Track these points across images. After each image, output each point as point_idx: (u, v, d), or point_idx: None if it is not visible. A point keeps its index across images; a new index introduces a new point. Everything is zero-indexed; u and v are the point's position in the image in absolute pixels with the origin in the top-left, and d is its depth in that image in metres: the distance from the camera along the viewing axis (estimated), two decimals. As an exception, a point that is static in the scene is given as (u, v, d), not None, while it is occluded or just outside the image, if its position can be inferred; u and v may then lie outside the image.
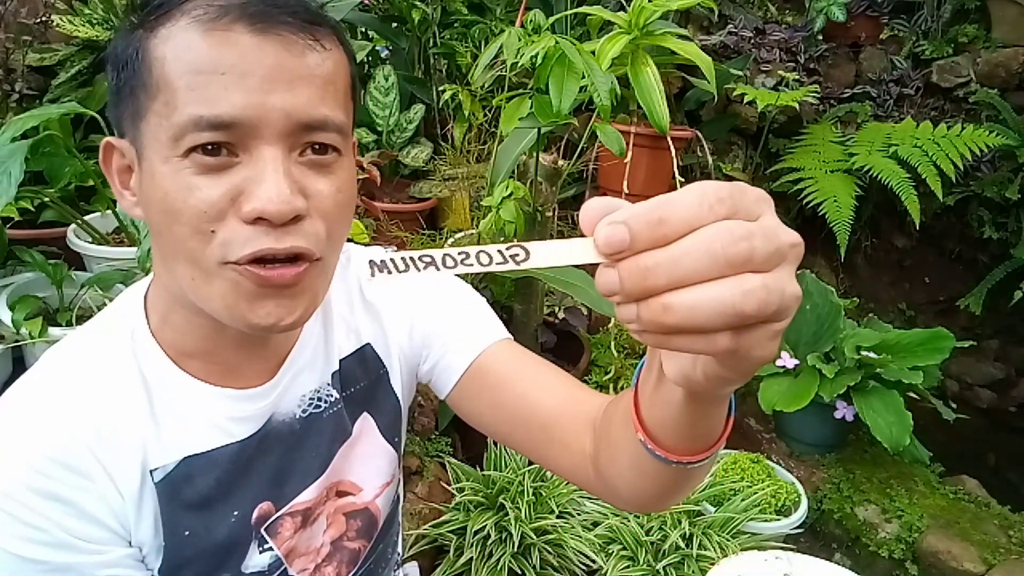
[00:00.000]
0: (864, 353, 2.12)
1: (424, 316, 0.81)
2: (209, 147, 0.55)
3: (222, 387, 0.67)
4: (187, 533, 0.65)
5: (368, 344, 0.80)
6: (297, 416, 0.73)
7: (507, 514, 1.71)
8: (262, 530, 0.70)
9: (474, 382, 0.77)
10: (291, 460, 0.72)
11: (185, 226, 0.56)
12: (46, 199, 1.83)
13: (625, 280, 0.34)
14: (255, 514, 0.69)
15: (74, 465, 0.60)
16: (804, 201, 2.79)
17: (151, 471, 0.63)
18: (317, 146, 0.58)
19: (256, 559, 0.70)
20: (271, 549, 0.71)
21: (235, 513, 0.68)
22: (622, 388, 2.17)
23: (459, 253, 0.37)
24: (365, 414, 0.79)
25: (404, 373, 0.82)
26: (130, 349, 0.65)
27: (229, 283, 0.57)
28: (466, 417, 0.81)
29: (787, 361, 2.22)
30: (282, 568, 0.73)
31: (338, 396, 0.76)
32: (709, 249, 0.33)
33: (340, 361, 0.77)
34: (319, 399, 0.74)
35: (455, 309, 0.82)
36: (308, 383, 0.74)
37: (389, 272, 0.37)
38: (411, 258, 0.37)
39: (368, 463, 0.79)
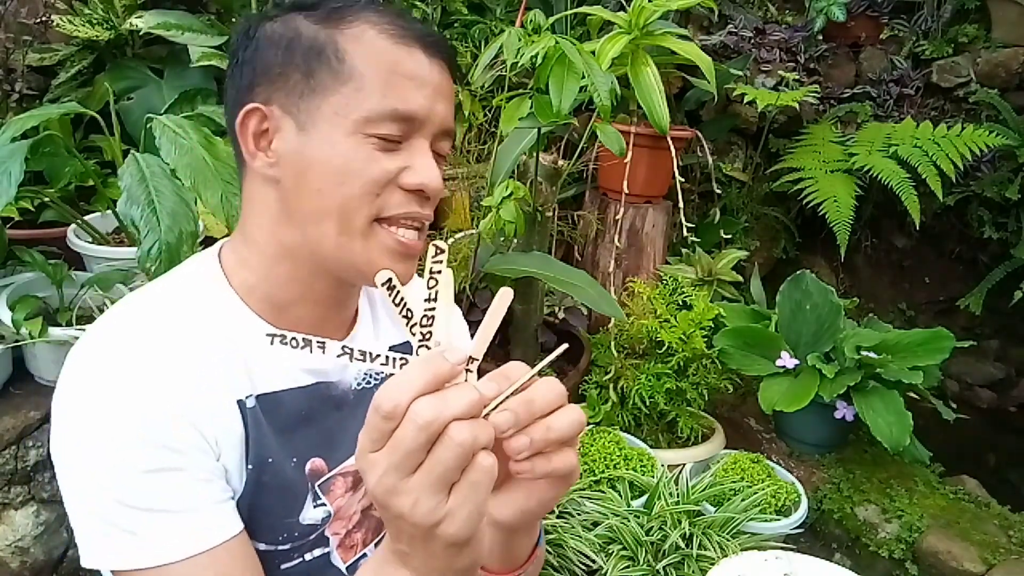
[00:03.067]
0: (864, 353, 2.12)
1: None
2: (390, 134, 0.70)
3: None
4: (271, 460, 0.72)
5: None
6: (352, 388, 0.82)
7: (507, 514, 1.71)
8: (316, 486, 0.77)
9: None
10: (343, 426, 0.80)
11: (358, 188, 0.69)
12: (46, 199, 1.83)
13: (518, 410, 0.51)
14: (308, 467, 0.77)
15: (177, 389, 0.67)
16: (804, 201, 2.80)
17: (240, 400, 0.71)
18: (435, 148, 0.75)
19: (311, 512, 0.77)
20: (324, 505, 0.78)
21: (294, 460, 0.76)
22: (622, 388, 2.17)
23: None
24: None
25: None
26: (212, 299, 0.74)
27: (380, 244, 0.71)
28: None
29: (787, 361, 2.21)
30: None
31: (391, 374, 0.83)
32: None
33: (389, 347, 0.85)
34: (372, 375, 0.84)
35: None
36: None
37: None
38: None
39: None
